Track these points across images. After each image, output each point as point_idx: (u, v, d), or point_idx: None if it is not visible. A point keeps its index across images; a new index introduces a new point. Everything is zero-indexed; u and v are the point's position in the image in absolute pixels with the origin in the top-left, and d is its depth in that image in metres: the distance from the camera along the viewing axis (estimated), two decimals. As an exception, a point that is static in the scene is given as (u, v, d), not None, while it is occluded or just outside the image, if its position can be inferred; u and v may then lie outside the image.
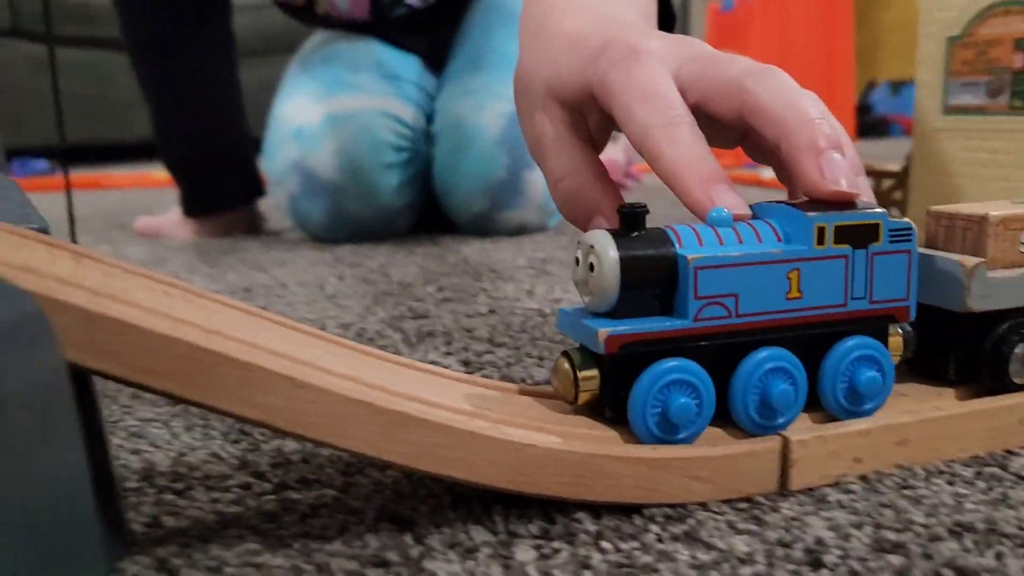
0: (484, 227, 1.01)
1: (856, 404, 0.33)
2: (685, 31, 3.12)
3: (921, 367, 0.37)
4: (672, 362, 0.30)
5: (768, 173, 1.56)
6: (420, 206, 1.04)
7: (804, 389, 0.32)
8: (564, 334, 0.33)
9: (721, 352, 0.31)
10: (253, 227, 1.16)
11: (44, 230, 0.32)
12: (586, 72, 0.36)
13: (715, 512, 0.30)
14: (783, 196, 0.36)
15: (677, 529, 0.29)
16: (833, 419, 0.33)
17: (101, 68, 2.49)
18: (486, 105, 0.97)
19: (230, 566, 0.27)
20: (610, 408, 0.31)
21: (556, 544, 0.28)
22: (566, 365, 0.32)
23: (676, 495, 0.30)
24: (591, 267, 0.31)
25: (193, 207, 1.11)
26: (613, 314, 0.31)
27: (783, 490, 0.31)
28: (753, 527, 0.29)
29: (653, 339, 0.30)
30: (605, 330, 0.30)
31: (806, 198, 0.33)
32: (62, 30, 2.44)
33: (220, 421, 0.41)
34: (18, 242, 0.27)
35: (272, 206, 1.19)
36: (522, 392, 0.34)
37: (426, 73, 1.06)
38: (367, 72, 1.00)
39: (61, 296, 0.23)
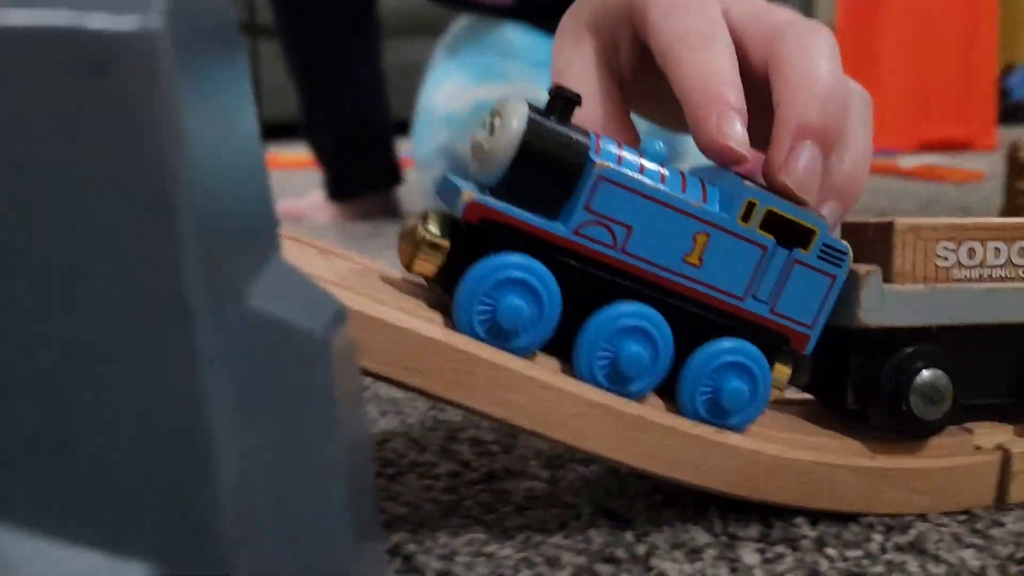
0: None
1: (718, 416, 0.29)
2: (808, 12, 3.04)
3: (819, 396, 0.33)
4: (520, 258, 0.26)
5: (907, 162, 1.51)
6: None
7: (665, 360, 0.28)
8: (438, 200, 0.29)
9: (587, 283, 0.27)
10: (390, 211, 1.19)
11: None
12: None
13: (936, 523, 0.30)
14: (920, 187, 0.33)
15: (901, 539, 0.29)
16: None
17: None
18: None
19: (461, 555, 0.29)
20: (444, 287, 0.27)
21: (779, 548, 0.28)
22: (418, 226, 0.27)
23: (895, 506, 0.30)
24: (492, 131, 0.27)
25: (337, 191, 1.15)
26: (494, 191, 0.27)
27: (1000, 503, 0.31)
28: (979, 541, 0.29)
29: (519, 228, 0.26)
30: (472, 192, 0.26)
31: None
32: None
33: (413, 408, 0.43)
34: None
35: (406, 191, 1.22)
36: None
37: (570, 60, 1.06)
38: (514, 59, 1.01)
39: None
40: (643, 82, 0.33)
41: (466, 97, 1.00)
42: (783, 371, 0.29)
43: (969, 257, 0.30)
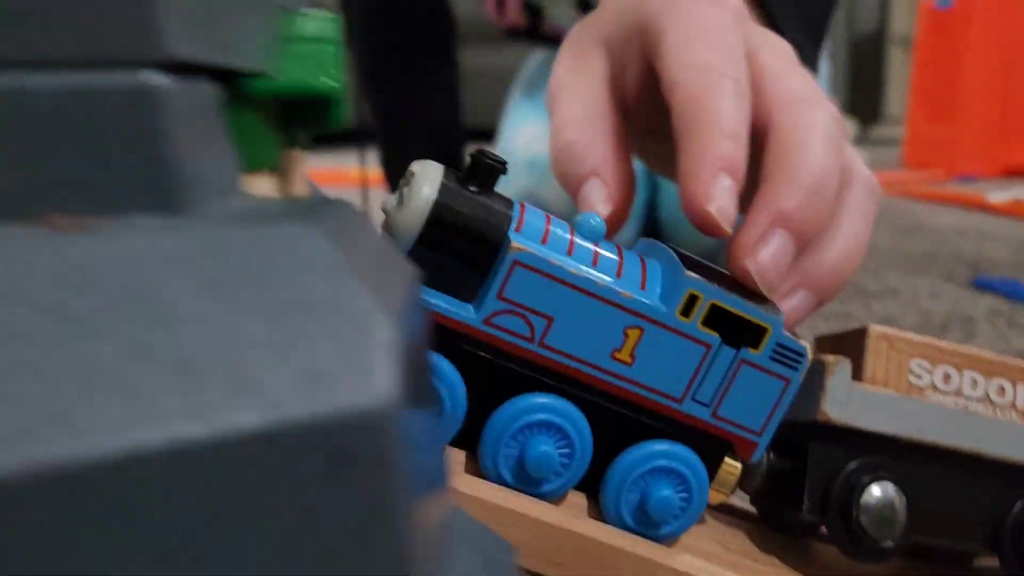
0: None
1: (645, 526, 0.25)
2: (884, 30, 2.97)
3: (772, 503, 0.30)
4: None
5: (999, 195, 1.46)
6: (642, 240, 1.04)
7: (583, 458, 0.25)
8: None
9: (499, 377, 0.24)
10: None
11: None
12: (641, 9, 0.29)
13: None
14: (1009, 227, 0.30)
15: None
16: None
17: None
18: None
19: None
20: None
21: None
22: None
23: None
24: (401, 200, 0.24)
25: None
26: None
27: None
28: None
29: None
30: None
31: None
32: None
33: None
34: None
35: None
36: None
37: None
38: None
39: (472, 491, 0.24)
40: (648, 115, 0.29)
41: (547, 141, 0.99)
42: (732, 469, 0.26)
43: (945, 382, 0.28)
